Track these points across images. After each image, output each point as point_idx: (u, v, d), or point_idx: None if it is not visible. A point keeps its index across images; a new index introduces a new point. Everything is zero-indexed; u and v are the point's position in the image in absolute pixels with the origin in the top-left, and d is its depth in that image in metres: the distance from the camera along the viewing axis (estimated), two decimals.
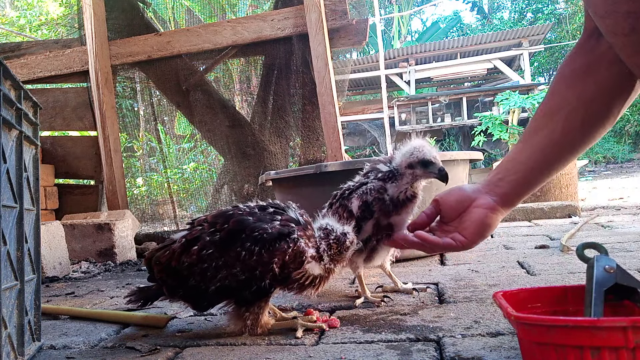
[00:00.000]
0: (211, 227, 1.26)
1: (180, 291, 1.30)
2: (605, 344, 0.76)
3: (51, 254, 2.62)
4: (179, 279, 1.27)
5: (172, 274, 1.28)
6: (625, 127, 15.28)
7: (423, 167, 1.41)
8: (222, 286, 1.22)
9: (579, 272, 1.80)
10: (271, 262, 1.18)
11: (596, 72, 1.13)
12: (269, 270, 1.19)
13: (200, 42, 3.75)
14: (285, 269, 1.21)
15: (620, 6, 0.85)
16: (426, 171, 1.42)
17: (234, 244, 1.21)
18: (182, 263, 1.25)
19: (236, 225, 1.22)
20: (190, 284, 1.25)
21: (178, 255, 1.26)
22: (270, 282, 1.21)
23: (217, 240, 1.23)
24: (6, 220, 1.05)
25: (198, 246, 1.24)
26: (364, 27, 3.49)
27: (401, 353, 1.10)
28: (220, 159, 4.31)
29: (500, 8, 24.39)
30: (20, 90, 1.18)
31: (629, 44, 0.89)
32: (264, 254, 1.18)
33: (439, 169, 1.41)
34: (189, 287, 1.26)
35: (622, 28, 0.87)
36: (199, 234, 1.26)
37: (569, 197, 4.54)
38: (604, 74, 1.12)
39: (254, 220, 1.23)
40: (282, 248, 1.19)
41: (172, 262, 1.27)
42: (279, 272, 1.20)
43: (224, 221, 1.25)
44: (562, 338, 0.79)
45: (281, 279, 1.22)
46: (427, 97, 13.39)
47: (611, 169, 12.83)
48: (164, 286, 1.33)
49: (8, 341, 1.04)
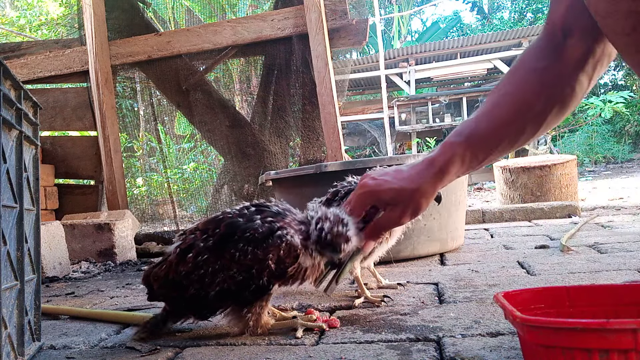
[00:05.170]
0: (203, 234, 1.25)
1: (182, 303, 1.29)
2: (614, 347, 0.75)
3: (51, 254, 2.62)
4: (178, 290, 1.26)
5: (171, 287, 1.28)
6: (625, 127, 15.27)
7: None
8: (222, 290, 1.22)
9: (579, 272, 1.80)
10: (266, 259, 1.19)
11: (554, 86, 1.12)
12: (265, 268, 1.19)
13: (200, 42, 3.75)
14: (281, 264, 1.20)
15: (622, 5, 0.85)
16: None
17: (227, 247, 1.21)
18: (180, 273, 1.24)
19: (228, 229, 1.23)
20: (190, 293, 1.24)
21: (175, 266, 1.26)
22: (269, 278, 1.21)
23: (210, 245, 1.22)
24: (6, 220, 1.05)
25: (193, 254, 1.23)
26: (364, 27, 3.49)
27: (401, 353, 1.10)
28: (220, 159, 4.31)
29: (500, 8, 24.36)
30: (20, 90, 1.18)
31: (631, 43, 0.89)
32: (258, 252, 1.19)
33: None
34: (190, 296, 1.25)
35: (623, 28, 0.87)
36: (193, 242, 1.25)
37: (569, 197, 4.54)
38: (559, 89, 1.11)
39: (245, 221, 1.23)
40: (276, 243, 1.19)
41: (169, 275, 1.27)
42: (275, 268, 1.20)
43: (215, 226, 1.25)
44: (570, 341, 0.78)
45: (278, 274, 1.21)
46: (427, 97, 13.38)
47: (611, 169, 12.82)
48: (165, 301, 1.33)
49: (8, 341, 1.04)
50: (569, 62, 1.09)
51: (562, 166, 4.57)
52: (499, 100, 1.17)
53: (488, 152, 1.17)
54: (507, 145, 1.17)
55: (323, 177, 2.16)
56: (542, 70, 1.12)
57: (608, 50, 1.09)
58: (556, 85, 1.11)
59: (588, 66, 1.09)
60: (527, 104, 1.13)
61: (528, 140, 1.19)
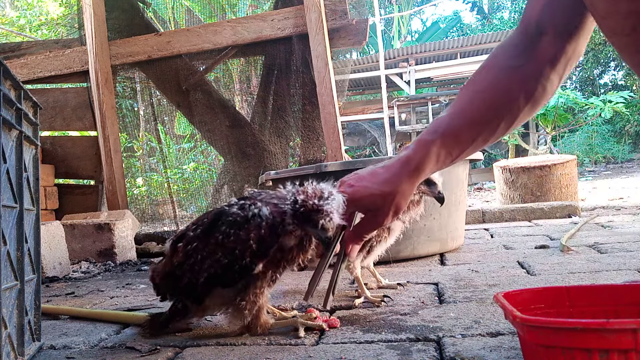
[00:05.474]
0: (194, 225, 1.31)
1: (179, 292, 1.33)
2: (614, 347, 0.75)
3: (51, 254, 2.62)
4: (174, 281, 1.31)
5: (168, 278, 1.33)
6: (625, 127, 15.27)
7: (427, 184, 1.56)
8: (209, 276, 1.25)
9: (579, 272, 1.80)
10: (248, 239, 1.20)
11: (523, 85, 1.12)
12: (247, 248, 1.20)
13: (200, 42, 3.75)
14: (263, 243, 1.21)
15: (621, 6, 0.85)
16: (428, 189, 1.57)
17: (213, 233, 1.24)
18: (173, 264, 1.30)
19: (215, 216, 1.27)
20: (184, 282, 1.28)
21: (169, 258, 1.32)
22: (251, 258, 1.21)
23: (199, 233, 1.27)
24: (6, 220, 1.05)
25: (183, 243, 1.29)
26: (364, 27, 3.49)
27: (401, 353, 1.10)
28: (220, 159, 4.30)
29: (500, 8, 24.35)
30: (20, 90, 1.18)
31: (631, 43, 0.89)
32: (240, 233, 1.21)
33: (439, 191, 1.58)
34: (184, 286, 1.29)
35: (623, 28, 0.87)
36: (184, 232, 1.31)
37: (569, 197, 4.54)
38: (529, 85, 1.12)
39: (229, 208, 1.27)
40: (257, 222, 1.21)
41: (166, 267, 1.33)
42: (257, 248, 1.21)
43: (204, 216, 1.31)
44: (570, 341, 0.78)
45: (260, 254, 1.22)
46: (427, 97, 13.37)
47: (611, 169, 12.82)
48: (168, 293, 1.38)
49: (8, 341, 1.04)
50: (542, 60, 1.10)
51: (562, 166, 4.57)
52: (473, 98, 1.18)
53: (462, 149, 1.19)
54: (481, 141, 1.18)
55: (323, 177, 2.15)
56: (516, 68, 1.13)
57: (579, 50, 1.11)
58: (529, 84, 1.12)
59: (560, 65, 1.11)
60: (501, 101, 1.14)
61: (500, 137, 1.20)
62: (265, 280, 1.28)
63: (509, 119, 1.15)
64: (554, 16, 1.07)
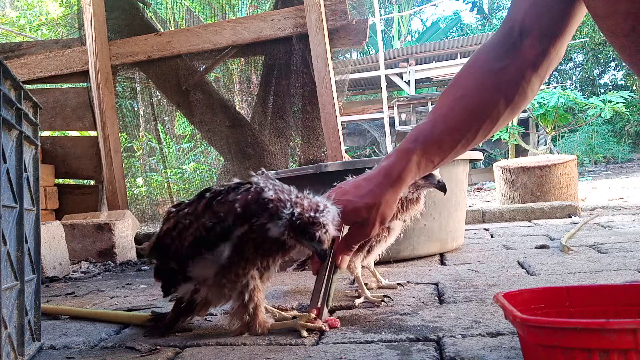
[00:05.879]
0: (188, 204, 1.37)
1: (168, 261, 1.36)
2: (614, 347, 0.75)
3: (51, 254, 2.62)
4: (164, 250, 1.35)
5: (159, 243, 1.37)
6: (625, 127, 15.27)
7: (424, 177, 1.52)
8: (194, 239, 1.28)
9: (579, 272, 1.80)
10: (235, 202, 1.23)
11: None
12: (232, 210, 1.22)
13: (200, 42, 3.75)
14: (248, 208, 1.22)
15: (620, 7, 0.85)
16: (427, 181, 1.55)
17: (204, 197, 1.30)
18: (163, 231, 1.35)
19: (206, 190, 1.33)
20: (172, 250, 1.32)
21: (162, 225, 1.38)
22: (234, 220, 1.22)
23: (190, 201, 1.33)
24: (6, 220, 1.05)
25: (175, 209, 1.35)
26: (364, 27, 3.49)
27: (401, 353, 1.10)
28: (220, 159, 4.30)
29: (500, 8, 24.34)
30: (20, 90, 1.18)
31: (630, 44, 0.89)
32: (228, 197, 1.25)
33: (438, 180, 1.55)
34: (172, 251, 1.32)
35: (622, 28, 0.87)
36: (181, 202, 1.38)
37: (569, 197, 4.54)
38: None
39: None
40: (246, 187, 1.25)
41: (160, 234, 1.38)
42: (241, 212, 1.22)
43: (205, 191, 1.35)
44: (570, 341, 0.78)
45: (244, 219, 1.22)
46: (427, 97, 13.37)
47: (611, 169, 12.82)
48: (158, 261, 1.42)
49: (8, 341, 1.04)
50: (524, 61, 1.10)
51: (562, 166, 4.57)
52: (455, 104, 1.18)
53: (443, 156, 1.21)
54: (462, 147, 1.20)
55: (323, 177, 2.16)
56: (497, 71, 1.13)
57: (560, 53, 1.11)
58: (511, 87, 1.12)
59: (542, 68, 1.11)
60: (482, 106, 1.15)
61: (479, 142, 1.22)
62: (252, 264, 1.27)
63: (488, 123, 1.16)
64: (540, 18, 1.07)
